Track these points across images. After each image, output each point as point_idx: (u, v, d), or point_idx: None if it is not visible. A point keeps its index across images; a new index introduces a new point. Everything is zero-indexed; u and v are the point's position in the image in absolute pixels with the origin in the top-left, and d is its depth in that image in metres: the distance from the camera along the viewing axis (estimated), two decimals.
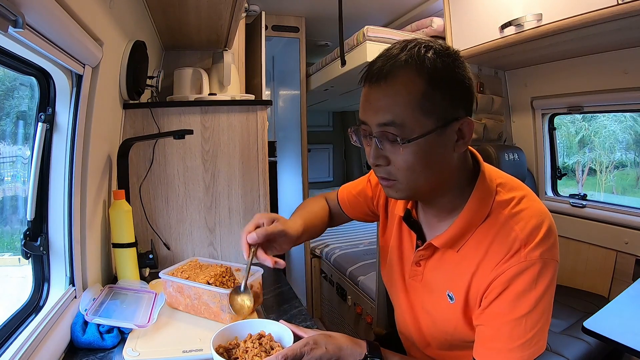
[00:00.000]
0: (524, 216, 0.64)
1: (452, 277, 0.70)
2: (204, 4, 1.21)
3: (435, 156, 0.62)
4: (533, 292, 0.61)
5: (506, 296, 0.62)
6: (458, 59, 0.63)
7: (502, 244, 0.63)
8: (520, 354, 0.62)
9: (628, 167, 2.09)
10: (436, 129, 0.60)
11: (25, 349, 0.66)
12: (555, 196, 2.11)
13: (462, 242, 0.68)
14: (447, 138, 0.62)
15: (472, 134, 0.64)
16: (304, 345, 0.63)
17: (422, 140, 0.60)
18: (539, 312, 0.62)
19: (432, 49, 0.61)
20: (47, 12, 0.64)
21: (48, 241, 0.87)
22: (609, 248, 1.79)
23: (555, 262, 0.64)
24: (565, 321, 1.59)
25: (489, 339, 0.65)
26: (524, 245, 0.62)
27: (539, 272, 0.61)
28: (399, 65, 0.60)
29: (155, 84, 1.45)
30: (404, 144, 0.60)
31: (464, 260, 0.68)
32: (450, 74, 0.61)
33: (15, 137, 0.87)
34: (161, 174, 1.34)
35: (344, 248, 2.75)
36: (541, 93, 2.05)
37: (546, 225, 0.64)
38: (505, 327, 0.62)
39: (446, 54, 0.61)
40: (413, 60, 0.59)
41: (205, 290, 0.90)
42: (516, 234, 0.63)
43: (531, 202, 0.67)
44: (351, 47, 2.06)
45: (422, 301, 0.78)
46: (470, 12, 1.88)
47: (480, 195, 0.67)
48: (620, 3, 1.22)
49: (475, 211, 0.67)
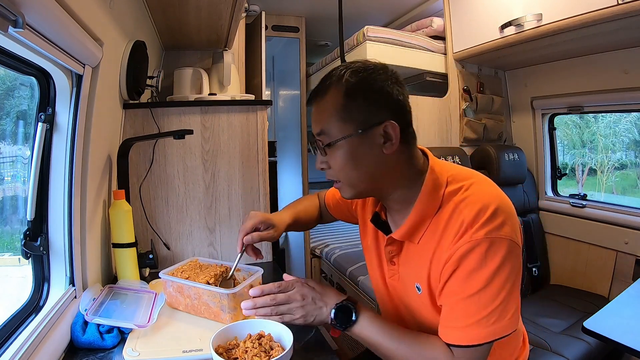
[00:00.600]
0: (471, 200, 0.69)
1: (417, 269, 0.75)
2: (204, 4, 1.21)
3: (362, 156, 0.71)
4: (483, 270, 0.64)
5: (457, 275, 0.66)
6: (375, 72, 0.72)
7: (452, 229, 0.68)
8: (476, 331, 0.64)
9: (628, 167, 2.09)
10: (355, 133, 0.70)
11: (25, 349, 0.66)
12: (555, 196, 2.11)
13: (420, 233, 0.74)
14: (372, 140, 0.70)
15: (399, 135, 0.70)
16: (297, 280, 0.79)
17: (344, 142, 0.70)
18: (494, 291, 0.64)
19: (350, 69, 0.72)
20: (47, 12, 0.64)
21: (48, 241, 0.86)
22: (609, 248, 1.79)
23: (507, 240, 0.65)
24: (565, 321, 1.59)
25: (446, 318, 0.68)
26: (470, 226, 0.66)
27: (486, 250, 0.64)
28: (325, 86, 0.73)
29: (155, 84, 1.45)
30: (331, 147, 0.72)
31: (423, 251, 0.73)
32: (365, 86, 0.70)
33: (15, 137, 0.87)
34: (161, 174, 1.34)
35: (344, 248, 2.75)
36: (541, 93, 2.05)
37: (493, 207, 0.66)
38: (458, 305, 0.66)
39: (362, 69, 0.72)
40: (334, 79, 0.72)
41: (205, 290, 0.90)
42: (463, 217, 0.67)
43: (479, 187, 0.71)
44: (351, 47, 2.06)
45: (402, 299, 0.82)
46: (470, 12, 1.88)
47: (429, 188, 0.73)
48: (620, 3, 1.22)
49: (426, 203, 0.72)
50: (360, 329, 0.73)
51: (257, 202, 1.43)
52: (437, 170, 0.75)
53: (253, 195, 1.42)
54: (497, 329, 0.64)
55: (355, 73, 0.71)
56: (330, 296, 0.76)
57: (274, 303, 0.76)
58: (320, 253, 2.83)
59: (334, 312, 0.74)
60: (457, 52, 2.01)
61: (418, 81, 2.18)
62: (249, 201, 1.42)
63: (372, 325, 0.73)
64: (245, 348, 0.73)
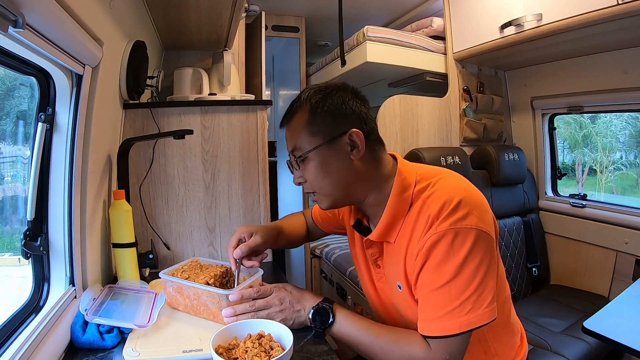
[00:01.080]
0: (437, 195, 0.72)
1: (396, 268, 0.78)
2: (204, 4, 1.21)
3: (332, 164, 0.76)
4: (451, 261, 0.66)
5: (427, 267, 0.69)
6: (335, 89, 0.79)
7: (421, 223, 0.71)
8: (449, 321, 0.65)
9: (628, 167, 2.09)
10: (324, 143, 0.76)
11: (25, 349, 0.66)
12: (555, 196, 2.11)
13: (394, 233, 0.77)
14: (339, 149, 0.76)
15: (363, 142, 0.76)
16: (275, 286, 0.83)
17: (313, 153, 0.76)
18: (464, 280, 0.65)
19: (313, 90, 0.79)
20: (47, 12, 0.64)
21: (48, 241, 0.86)
22: (609, 248, 1.79)
23: (474, 230, 0.66)
24: (565, 321, 1.59)
25: (421, 311, 0.70)
26: (435, 219, 0.69)
27: (452, 241, 0.66)
28: (294, 108, 0.80)
29: (155, 84, 1.45)
30: (300, 160, 0.78)
31: (398, 249, 0.77)
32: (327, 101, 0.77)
33: (15, 137, 0.87)
34: (161, 174, 1.34)
35: (344, 248, 2.75)
36: (541, 93, 2.05)
37: (457, 199, 0.69)
38: (430, 296, 0.69)
39: (324, 88, 0.79)
40: (302, 101, 0.79)
41: (205, 290, 0.90)
42: (430, 211, 0.70)
43: (445, 182, 0.75)
44: (351, 47, 2.06)
45: (390, 299, 0.84)
46: (470, 12, 1.88)
47: (398, 188, 0.77)
48: (620, 3, 1.23)
49: (396, 203, 0.76)
50: (338, 328, 0.76)
51: (257, 202, 1.43)
52: (404, 171, 0.79)
53: (253, 195, 1.42)
54: (473, 318, 0.65)
55: (318, 92, 0.78)
56: (307, 299, 0.80)
57: (254, 309, 0.80)
58: (320, 253, 2.83)
59: (312, 314, 0.78)
60: (457, 52, 2.01)
61: (418, 81, 2.18)
62: (249, 201, 1.42)
63: (349, 324, 0.76)
64: (245, 348, 0.73)
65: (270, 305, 0.80)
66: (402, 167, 0.80)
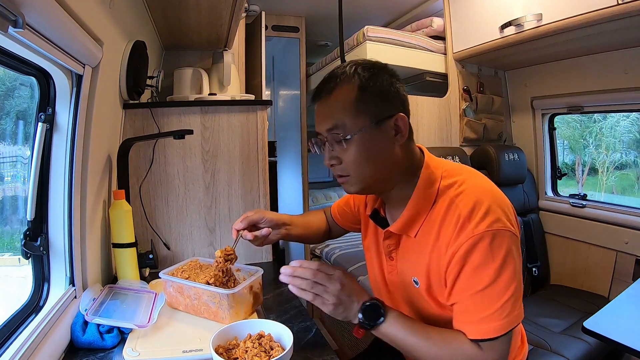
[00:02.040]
0: (466, 194, 0.70)
1: (414, 263, 0.77)
2: (204, 4, 1.21)
3: (376, 148, 0.73)
4: (491, 264, 0.65)
5: (466, 272, 0.67)
6: (382, 70, 0.75)
7: (450, 223, 0.69)
8: (491, 324, 0.65)
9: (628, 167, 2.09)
10: (371, 125, 0.71)
11: (25, 349, 0.66)
12: (555, 196, 2.11)
13: (416, 226, 0.75)
14: (384, 132, 0.73)
15: (408, 128, 0.74)
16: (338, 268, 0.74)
17: (361, 135, 0.71)
18: (504, 282, 0.65)
19: (360, 66, 0.74)
20: (47, 12, 0.64)
21: (48, 241, 0.87)
22: (609, 248, 1.79)
23: (509, 232, 0.67)
24: (565, 321, 1.59)
25: (461, 314, 0.69)
26: (468, 221, 0.67)
27: (491, 243, 0.65)
28: (336, 82, 0.74)
29: (155, 84, 1.45)
30: (348, 140, 0.72)
31: (420, 244, 0.75)
32: (376, 81, 0.73)
33: (15, 137, 0.87)
34: (161, 174, 1.34)
35: (344, 248, 2.75)
36: (541, 93, 2.05)
37: (488, 200, 0.69)
38: (471, 300, 0.67)
39: (371, 67, 0.75)
40: (344, 76, 0.74)
41: (205, 290, 0.90)
42: (460, 210, 0.69)
43: (473, 181, 0.74)
44: (351, 47, 2.06)
45: (401, 293, 0.83)
46: (470, 12, 1.88)
47: (425, 182, 0.75)
48: (620, 3, 1.22)
49: (422, 196, 0.75)
50: (387, 327, 0.72)
51: (257, 202, 1.43)
52: (432, 165, 0.77)
53: (253, 195, 1.42)
54: (510, 321, 0.66)
55: (367, 69, 0.74)
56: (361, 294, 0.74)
57: (315, 278, 0.72)
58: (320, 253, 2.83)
59: (364, 309, 0.72)
60: (457, 52, 2.01)
61: (418, 81, 2.18)
62: (249, 201, 1.42)
63: (400, 323, 0.72)
64: (245, 348, 0.73)
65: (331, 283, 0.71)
66: (429, 160, 0.78)
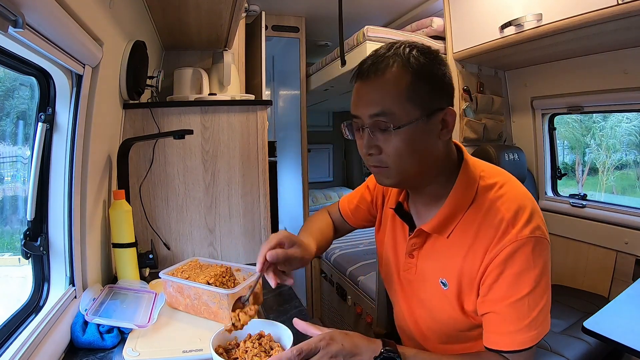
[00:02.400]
0: (508, 198, 0.67)
1: (444, 264, 0.72)
2: (204, 4, 1.21)
3: (421, 142, 0.67)
4: (532, 271, 0.63)
5: (505, 278, 0.64)
6: (438, 57, 0.69)
7: (490, 226, 0.66)
8: (528, 334, 0.63)
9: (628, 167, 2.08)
10: (422, 117, 0.65)
11: (25, 349, 0.66)
12: (555, 196, 2.11)
13: (451, 227, 0.71)
14: (432, 126, 0.67)
15: (455, 123, 0.69)
16: (320, 340, 0.62)
17: (410, 127, 0.65)
18: (541, 291, 0.64)
19: (416, 48, 0.67)
20: (47, 12, 0.64)
21: (48, 241, 0.87)
22: (609, 248, 1.79)
23: (547, 241, 0.66)
24: (565, 321, 1.59)
25: (496, 324, 0.66)
26: (512, 225, 0.64)
27: (533, 250, 0.63)
28: (387, 62, 0.66)
29: (155, 84, 1.45)
30: (395, 130, 0.65)
31: (454, 246, 0.70)
32: (432, 69, 0.66)
33: (15, 137, 0.87)
34: (161, 174, 1.34)
35: (344, 248, 2.75)
36: (541, 93, 2.05)
37: (530, 206, 0.66)
38: (509, 309, 0.64)
39: (428, 52, 0.68)
40: (399, 57, 0.66)
41: (205, 290, 0.90)
42: (502, 214, 0.66)
43: (513, 185, 0.71)
44: (351, 47, 2.06)
45: (417, 293, 0.79)
46: (470, 12, 1.88)
47: (464, 181, 0.71)
48: (620, 3, 1.22)
49: (460, 196, 0.70)
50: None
51: (257, 202, 1.43)
52: (471, 164, 0.73)
53: (253, 195, 1.42)
54: (542, 329, 0.64)
55: (424, 53, 0.67)
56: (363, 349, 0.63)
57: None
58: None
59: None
60: (457, 52, 2.01)
61: None
62: (249, 201, 1.42)
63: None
64: (245, 348, 0.73)
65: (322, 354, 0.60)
66: (468, 158, 0.74)
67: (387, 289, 0.90)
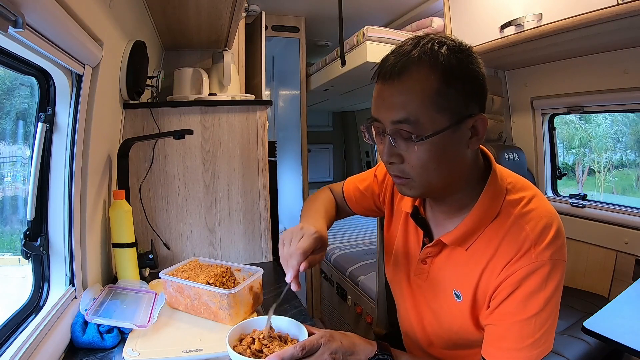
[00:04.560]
0: (534, 216, 0.64)
1: (460, 275, 0.70)
2: (204, 4, 1.21)
3: (449, 153, 0.61)
4: (543, 293, 0.62)
5: (516, 296, 0.62)
6: (472, 55, 0.62)
7: (513, 243, 0.63)
8: (529, 353, 0.63)
9: None
10: (450, 126, 0.59)
11: (25, 349, 0.66)
12: (555, 196, 2.11)
13: (471, 240, 0.68)
14: (461, 135, 0.61)
15: (485, 131, 0.62)
16: (321, 337, 0.64)
17: (437, 137, 0.59)
18: (548, 312, 0.63)
19: (446, 45, 0.60)
20: (47, 12, 0.64)
21: (48, 241, 0.87)
22: (609, 248, 1.79)
23: (564, 263, 0.64)
24: (565, 321, 1.59)
25: (498, 339, 0.65)
26: (535, 246, 0.62)
27: (549, 272, 0.62)
28: (412, 61, 0.59)
29: (155, 84, 1.45)
30: (419, 142, 0.59)
31: (472, 258, 0.68)
32: (464, 70, 0.60)
33: (15, 137, 0.87)
34: (161, 174, 1.34)
35: (344, 248, 2.75)
36: (541, 93, 2.04)
37: (556, 226, 0.64)
38: (514, 326, 0.63)
39: (459, 49, 0.61)
40: (426, 56, 0.59)
41: (205, 290, 0.90)
42: (526, 233, 0.63)
43: (541, 202, 0.67)
44: (351, 47, 2.06)
45: (427, 300, 0.77)
46: (470, 12, 1.87)
47: (491, 194, 0.67)
48: (620, 3, 1.22)
49: (486, 209, 0.66)
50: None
51: (257, 202, 1.43)
52: (498, 175, 0.68)
53: (253, 195, 1.42)
54: (544, 349, 0.64)
55: (454, 52, 0.59)
56: (360, 349, 0.65)
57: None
58: None
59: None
60: None
61: None
62: (249, 201, 1.42)
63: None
64: (260, 336, 0.70)
65: None
66: (496, 169, 0.69)
67: (393, 290, 0.88)
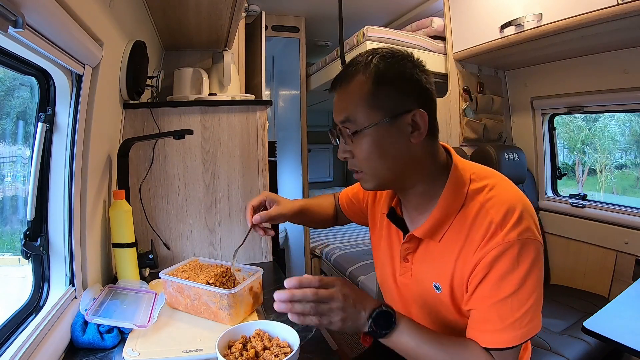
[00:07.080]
0: (498, 200, 0.68)
1: (437, 268, 0.73)
2: (204, 4, 1.21)
3: (389, 145, 0.69)
4: (516, 273, 0.64)
5: (490, 279, 0.65)
6: (405, 59, 0.70)
7: (480, 229, 0.67)
8: (513, 333, 0.64)
9: None
10: (384, 120, 0.68)
11: (25, 349, 0.66)
12: (555, 196, 2.11)
13: (442, 231, 0.72)
14: (400, 129, 0.69)
15: (427, 125, 0.69)
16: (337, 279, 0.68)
17: (371, 130, 0.68)
18: (526, 292, 0.64)
19: (379, 54, 0.70)
20: (47, 12, 0.64)
21: (48, 241, 0.87)
22: (609, 248, 1.79)
23: (537, 242, 0.66)
24: (565, 321, 1.59)
25: (479, 322, 0.67)
26: (500, 228, 0.65)
27: (519, 252, 0.64)
28: (350, 72, 0.71)
29: (155, 84, 1.45)
30: (356, 134, 0.69)
31: (446, 250, 0.71)
32: (394, 72, 0.68)
33: (15, 137, 0.87)
34: (161, 174, 1.34)
35: (344, 248, 2.75)
36: (541, 93, 2.05)
37: (520, 207, 0.67)
38: (492, 308, 0.65)
39: (391, 55, 0.70)
40: (361, 66, 0.70)
41: (205, 290, 0.90)
42: (491, 217, 0.66)
43: (504, 187, 0.71)
44: (351, 47, 2.06)
45: (414, 297, 0.80)
46: (470, 12, 1.88)
47: (453, 185, 0.71)
48: (620, 3, 1.22)
49: (450, 200, 0.71)
50: (399, 334, 0.68)
51: None
52: (460, 167, 0.73)
53: (253, 195, 1.42)
54: (529, 329, 0.65)
55: (384, 59, 0.69)
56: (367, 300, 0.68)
57: (316, 298, 0.64)
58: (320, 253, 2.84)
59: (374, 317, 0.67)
60: (457, 52, 2.01)
61: None
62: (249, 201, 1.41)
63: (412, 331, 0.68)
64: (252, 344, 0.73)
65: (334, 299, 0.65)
66: (457, 161, 0.74)
67: (383, 292, 0.91)
